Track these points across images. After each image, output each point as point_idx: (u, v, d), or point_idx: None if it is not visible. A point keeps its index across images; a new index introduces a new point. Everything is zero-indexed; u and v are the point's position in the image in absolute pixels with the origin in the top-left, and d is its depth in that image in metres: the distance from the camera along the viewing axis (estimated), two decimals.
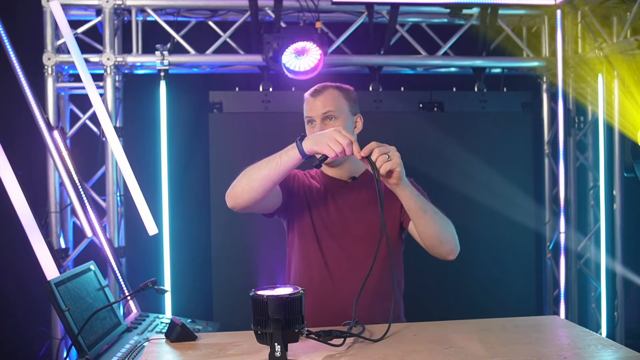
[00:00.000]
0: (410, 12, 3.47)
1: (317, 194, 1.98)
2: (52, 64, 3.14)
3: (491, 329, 1.60)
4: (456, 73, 3.68)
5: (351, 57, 3.46)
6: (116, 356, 1.78)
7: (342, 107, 1.95)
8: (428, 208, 1.77)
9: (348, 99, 1.98)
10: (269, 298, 1.32)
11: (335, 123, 1.91)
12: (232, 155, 3.29)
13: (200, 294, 3.36)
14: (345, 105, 1.96)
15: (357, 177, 2.01)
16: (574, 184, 3.60)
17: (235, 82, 3.48)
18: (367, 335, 1.53)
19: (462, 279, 3.40)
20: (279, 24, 3.27)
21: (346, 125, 1.94)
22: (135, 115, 3.43)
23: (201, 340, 1.57)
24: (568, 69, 3.53)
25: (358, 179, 2.01)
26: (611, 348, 1.42)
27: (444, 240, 1.80)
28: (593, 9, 3.40)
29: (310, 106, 1.95)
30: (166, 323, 2.25)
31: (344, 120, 1.94)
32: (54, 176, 3.15)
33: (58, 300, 1.67)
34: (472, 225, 3.37)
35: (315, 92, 1.97)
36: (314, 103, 1.94)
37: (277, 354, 1.32)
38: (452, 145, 3.41)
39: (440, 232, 1.79)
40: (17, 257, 3.16)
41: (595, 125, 3.64)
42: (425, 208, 1.77)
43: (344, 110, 1.95)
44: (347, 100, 1.97)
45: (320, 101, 1.93)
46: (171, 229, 3.24)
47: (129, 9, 3.28)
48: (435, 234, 1.79)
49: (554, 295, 3.66)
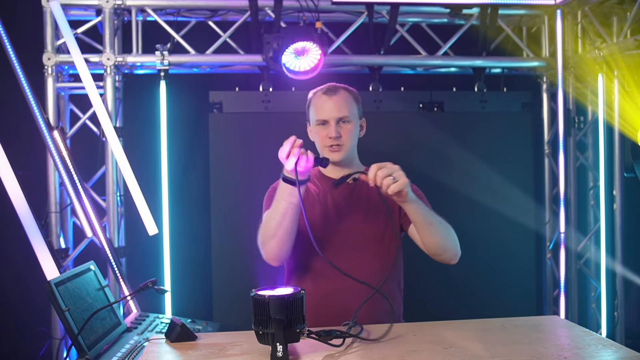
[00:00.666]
0: (410, 12, 3.47)
1: (315, 196, 1.98)
2: (52, 64, 3.14)
3: (491, 329, 1.60)
4: (456, 73, 3.68)
5: (351, 57, 3.46)
6: (116, 356, 1.78)
7: (353, 110, 1.97)
8: (433, 219, 1.78)
9: (357, 102, 2.00)
10: (271, 298, 1.32)
11: (347, 126, 1.93)
12: (232, 155, 3.29)
13: (200, 294, 3.36)
14: (355, 109, 1.98)
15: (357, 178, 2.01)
16: (574, 184, 3.60)
17: (235, 82, 3.48)
18: (366, 336, 1.53)
19: (462, 279, 3.40)
20: (279, 24, 3.27)
21: (356, 128, 1.97)
22: (135, 115, 3.43)
23: (201, 340, 1.57)
24: (568, 69, 3.53)
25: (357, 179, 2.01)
26: (611, 348, 1.42)
27: (447, 248, 1.81)
28: (593, 9, 3.40)
29: (324, 107, 1.94)
30: (166, 323, 2.25)
31: (355, 123, 1.97)
32: (54, 176, 3.15)
33: (58, 300, 1.67)
34: (472, 225, 3.37)
35: (329, 91, 1.96)
36: (328, 103, 1.93)
37: (279, 354, 1.32)
38: (452, 145, 3.41)
39: (444, 241, 1.80)
40: (17, 257, 3.16)
41: (595, 125, 3.64)
42: (430, 220, 1.78)
43: (354, 114, 1.97)
44: (356, 103, 2.00)
45: (334, 102, 1.93)
46: (171, 229, 3.24)
47: (129, 9, 3.28)
48: (439, 244, 1.80)
49: (554, 295, 3.66)
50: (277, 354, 1.32)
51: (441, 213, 1.84)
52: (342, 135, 1.93)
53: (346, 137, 1.94)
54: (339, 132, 1.92)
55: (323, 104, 1.94)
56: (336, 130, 1.91)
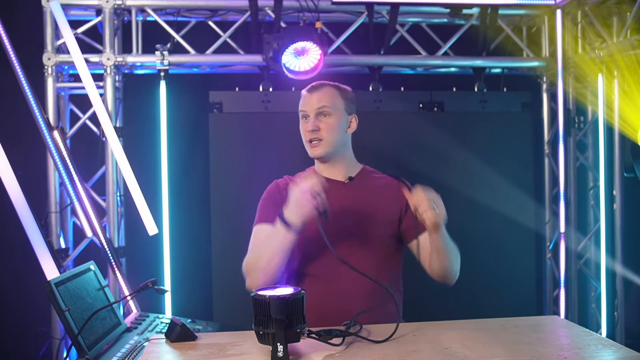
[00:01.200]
0: (410, 12, 3.47)
1: None
2: (52, 64, 3.14)
3: (491, 329, 1.60)
4: (456, 73, 3.68)
5: (351, 57, 3.46)
6: (116, 356, 1.78)
7: (337, 104, 1.93)
8: (450, 248, 1.78)
9: (344, 97, 1.97)
10: (271, 298, 1.32)
11: (328, 120, 1.90)
12: (232, 155, 3.29)
13: (200, 294, 3.36)
14: (340, 104, 1.94)
15: (354, 177, 1.98)
16: (574, 184, 3.60)
17: (235, 82, 3.48)
18: (366, 335, 1.53)
19: (462, 279, 3.37)
20: (279, 24, 3.27)
21: (340, 123, 1.92)
22: (135, 115, 3.43)
23: (201, 340, 1.57)
24: (568, 69, 3.53)
25: (355, 178, 1.98)
26: (611, 348, 1.42)
27: (451, 275, 1.85)
28: (593, 9, 3.40)
29: (306, 101, 1.94)
30: (166, 323, 2.25)
31: (338, 117, 1.92)
32: (54, 176, 3.15)
33: (58, 300, 1.67)
34: (472, 225, 3.37)
35: (312, 88, 1.96)
36: (310, 98, 1.93)
37: (280, 354, 1.32)
38: (452, 145, 3.40)
39: (451, 268, 1.82)
40: (17, 257, 3.16)
41: (595, 125, 3.64)
42: (449, 250, 1.78)
43: (338, 108, 1.93)
44: (343, 98, 1.96)
45: (315, 97, 1.92)
46: (171, 229, 3.24)
47: (129, 9, 3.28)
48: (446, 271, 1.83)
49: (554, 295, 3.66)
50: (277, 354, 1.32)
51: None
52: (321, 128, 1.90)
53: (326, 131, 1.90)
54: (317, 125, 1.89)
55: (305, 99, 1.95)
56: (314, 124, 1.89)
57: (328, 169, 1.98)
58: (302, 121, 1.96)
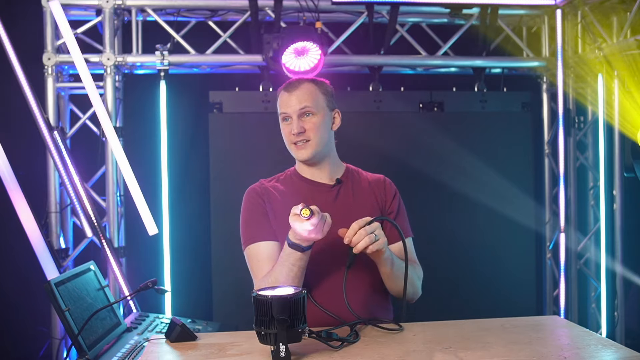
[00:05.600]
0: (410, 12, 3.47)
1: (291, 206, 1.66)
2: (52, 64, 3.14)
3: (491, 329, 1.60)
4: (456, 73, 3.68)
5: (351, 57, 3.46)
6: (116, 356, 1.78)
7: (319, 102, 1.83)
8: (400, 273, 1.71)
9: (325, 93, 1.87)
10: (273, 298, 1.31)
11: (312, 119, 1.81)
12: (232, 155, 3.29)
13: (200, 294, 3.36)
14: (322, 100, 1.85)
15: (341, 179, 1.89)
16: (574, 184, 3.60)
17: (235, 82, 3.48)
18: (367, 335, 1.53)
19: (462, 279, 3.40)
20: (279, 24, 3.27)
21: (324, 121, 1.83)
22: (135, 115, 3.43)
23: (201, 340, 1.57)
24: (568, 69, 3.53)
25: (342, 181, 1.89)
26: (611, 348, 1.42)
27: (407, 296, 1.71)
28: (593, 9, 3.40)
29: (286, 102, 1.84)
30: (166, 323, 2.25)
31: (322, 115, 1.83)
32: (54, 176, 3.15)
33: (58, 300, 1.67)
34: (472, 225, 3.37)
35: (290, 86, 1.86)
36: (290, 99, 1.83)
37: (282, 354, 1.32)
38: (452, 145, 3.40)
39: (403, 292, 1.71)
40: (17, 257, 3.16)
41: (595, 125, 3.64)
42: (397, 274, 1.72)
43: (321, 106, 1.84)
44: (324, 94, 1.86)
45: (295, 96, 1.82)
46: (171, 229, 3.24)
47: (129, 9, 3.28)
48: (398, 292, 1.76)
49: (554, 295, 3.66)
50: (279, 354, 1.32)
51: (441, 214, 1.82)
52: (306, 129, 1.80)
53: (312, 131, 1.80)
54: (302, 126, 1.79)
55: (284, 99, 1.85)
56: (299, 125, 1.79)
57: (312, 171, 1.88)
58: (284, 123, 1.84)
